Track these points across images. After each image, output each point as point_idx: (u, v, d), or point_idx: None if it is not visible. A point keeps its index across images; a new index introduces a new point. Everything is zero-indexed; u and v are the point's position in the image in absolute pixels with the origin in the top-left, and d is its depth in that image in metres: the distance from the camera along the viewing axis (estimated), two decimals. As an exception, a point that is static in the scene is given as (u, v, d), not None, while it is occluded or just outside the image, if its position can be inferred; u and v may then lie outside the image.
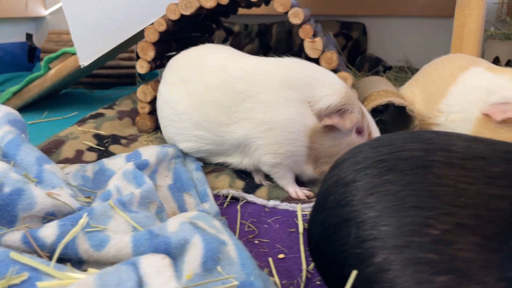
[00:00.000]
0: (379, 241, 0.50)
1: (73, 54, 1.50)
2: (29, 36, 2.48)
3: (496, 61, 1.91)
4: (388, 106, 1.43)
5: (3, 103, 1.58)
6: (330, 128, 0.94)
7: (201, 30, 1.90)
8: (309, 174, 0.99)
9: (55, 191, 0.74)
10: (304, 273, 0.73)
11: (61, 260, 0.62)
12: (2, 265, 0.53)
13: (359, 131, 0.97)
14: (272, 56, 1.05)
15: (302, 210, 0.92)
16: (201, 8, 1.22)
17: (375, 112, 1.25)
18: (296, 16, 1.18)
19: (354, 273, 0.52)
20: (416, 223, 0.49)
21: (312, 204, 0.71)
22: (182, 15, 1.24)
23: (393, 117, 1.42)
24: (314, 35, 1.22)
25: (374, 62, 2.33)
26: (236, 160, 1.04)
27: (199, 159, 1.11)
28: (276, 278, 0.72)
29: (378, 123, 1.43)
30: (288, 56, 1.05)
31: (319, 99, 0.93)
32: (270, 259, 0.78)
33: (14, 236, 0.62)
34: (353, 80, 1.22)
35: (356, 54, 2.38)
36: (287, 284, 0.72)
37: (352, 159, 0.60)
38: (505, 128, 1.01)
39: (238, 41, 2.38)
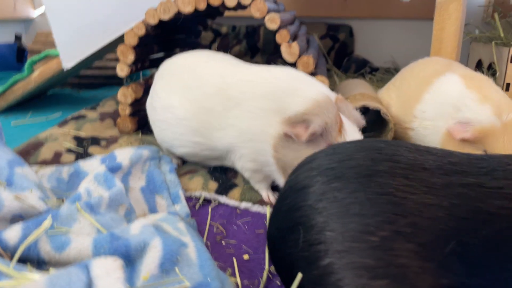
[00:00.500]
0: (325, 246, 0.53)
1: (57, 56, 1.52)
2: (18, 37, 2.50)
3: (479, 64, 1.93)
4: (368, 109, 1.45)
5: (-12, 104, 1.60)
6: (293, 139, 0.89)
7: (187, 32, 1.92)
8: (280, 180, 0.99)
9: (24, 193, 0.76)
10: (265, 274, 0.75)
11: (25, 261, 0.65)
12: (-37, 267, 0.55)
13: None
14: (260, 57, 1.06)
15: (272, 212, 0.94)
16: (179, 13, 1.24)
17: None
18: (272, 21, 1.20)
19: (299, 276, 0.55)
20: (357, 230, 0.52)
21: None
22: (161, 20, 1.26)
23: (372, 119, 1.44)
24: (291, 40, 1.23)
25: (361, 64, 2.36)
26: (230, 164, 1.07)
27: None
28: (238, 279, 0.74)
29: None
30: (280, 61, 1.05)
31: (289, 107, 0.91)
32: (234, 260, 0.80)
33: (-22, 238, 0.64)
34: (339, 82, 1.24)
35: (343, 56, 2.40)
36: (248, 284, 0.74)
37: (308, 165, 0.62)
38: (467, 146, 1.02)
39: (226, 43, 2.40)
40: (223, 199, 1.01)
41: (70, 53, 1.46)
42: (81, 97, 1.97)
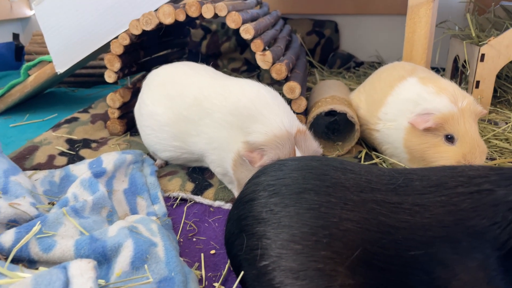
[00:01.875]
0: (261, 251, 0.64)
1: (50, 61, 1.62)
2: (15, 36, 2.60)
3: (456, 60, 2.01)
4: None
5: (-12, 107, 1.72)
6: (247, 161, 0.98)
7: (175, 33, 2.01)
8: (235, 193, 1.11)
9: (17, 201, 0.88)
10: (227, 266, 0.87)
11: (17, 260, 0.77)
12: (-35, 267, 0.67)
13: None
14: (249, 53, 1.13)
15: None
16: (161, 24, 1.33)
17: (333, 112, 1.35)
18: (247, 32, 1.29)
19: (241, 274, 0.66)
20: (286, 239, 0.62)
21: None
22: (144, 30, 1.35)
23: (344, 119, 1.54)
24: (265, 48, 1.33)
25: (346, 58, 2.44)
26: (207, 166, 1.20)
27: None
28: (203, 272, 0.86)
29: (333, 123, 1.57)
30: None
31: (251, 133, 0.99)
32: (202, 255, 0.91)
33: (-22, 242, 0.76)
34: (320, 79, 1.33)
35: (328, 51, 2.48)
36: (211, 276, 0.85)
37: (255, 179, 0.73)
38: (429, 135, 1.13)
39: (215, 39, 2.49)
40: (198, 198, 1.12)
41: (62, 59, 1.56)
42: (76, 96, 2.07)
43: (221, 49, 2.48)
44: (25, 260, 0.76)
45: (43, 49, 2.15)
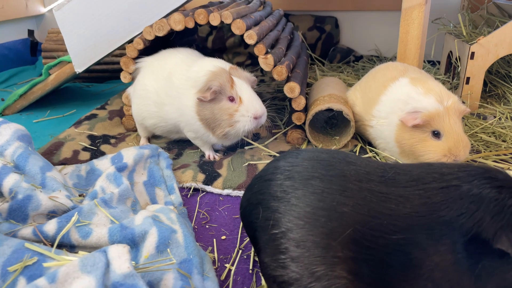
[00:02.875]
0: (273, 222, 0.77)
1: (69, 62, 1.75)
2: (30, 32, 2.71)
3: (450, 56, 2.12)
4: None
5: (12, 104, 1.85)
6: (205, 101, 1.28)
7: (183, 32, 2.12)
8: (213, 139, 1.35)
9: (55, 194, 1.01)
10: (236, 250, 1.01)
11: (60, 246, 0.91)
12: (19, 252, 0.80)
13: (231, 99, 1.28)
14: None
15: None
16: (172, 30, 1.45)
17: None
18: (250, 38, 1.41)
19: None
20: (293, 216, 0.76)
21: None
22: (156, 36, 1.47)
23: (341, 115, 1.66)
24: (267, 52, 1.44)
25: (346, 53, 2.54)
26: (185, 136, 1.45)
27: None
28: (215, 254, 1.00)
29: (332, 118, 1.69)
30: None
31: (198, 81, 1.30)
32: (214, 240, 1.05)
33: (27, 230, 0.90)
34: (320, 75, 1.45)
35: (329, 46, 2.58)
36: (223, 258, 1.00)
37: (276, 163, 0.86)
38: (417, 131, 1.25)
39: (221, 35, 2.59)
40: (208, 188, 1.26)
41: (81, 60, 1.69)
42: (91, 92, 2.20)
43: (226, 44, 2.59)
44: (67, 246, 0.90)
45: (59, 46, 2.27)
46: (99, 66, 2.28)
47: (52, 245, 0.88)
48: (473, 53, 1.76)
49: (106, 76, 2.36)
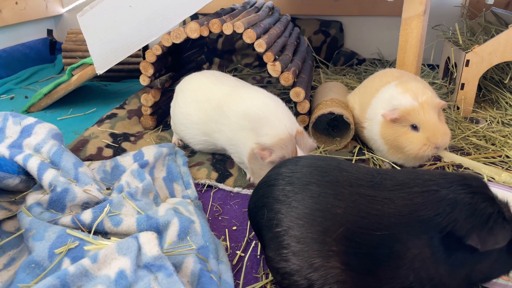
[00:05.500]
0: (276, 221, 0.89)
1: (91, 64, 1.88)
2: (49, 32, 2.85)
3: (447, 62, 2.23)
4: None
5: (37, 102, 1.99)
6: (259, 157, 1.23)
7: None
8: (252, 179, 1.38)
9: (88, 187, 1.16)
10: (245, 239, 1.15)
11: (95, 232, 1.05)
12: (63, 237, 0.94)
13: None
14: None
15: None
16: (188, 38, 1.58)
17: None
18: (260, 46, 1.53)
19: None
20: (294, 216, 0.88)
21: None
22: (174, 43, 1.60)
23: (342, 118, 1.79)
24: (276, 59, 1.57)
25: (349, 56, 2.66)
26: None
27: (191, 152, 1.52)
28: (228, 242, 1.14)
29: (334, 120, 1.82)
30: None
31: (261, 135, 1.25)
32: (226, 230, 1.19)
33: (66, 218, 1.04)
34: (324, 78, 1.58)
35: (334, 49, 2.70)
36: (234, 246, 1.13)
37: (278, 170, 0.98)
38: (398, 126, 1.35)
39: (230, 37, 2.71)
40: (221, 185, 1.40)
41: (102, 62, 1.82)
42: (109, 91, 2.34)
43: (235, 46, 2.72)
44: (101, 233, 1.04)
45: (78, 46, 2.41)
46: (115, 66, 2.38)
47: (89, 232, 1.02)
48: (468, 61, 1.88)
49: (122, 76, 2.49)
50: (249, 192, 1.37)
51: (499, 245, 0.80)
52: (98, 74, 1.86)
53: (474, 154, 1.58)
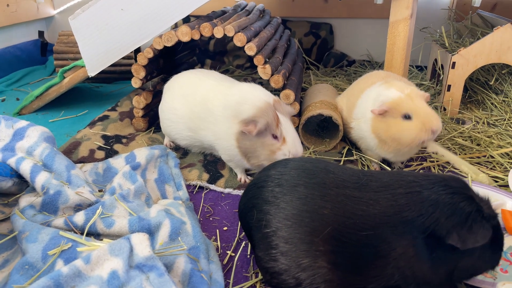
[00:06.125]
0: (265, 222, 0.92)
1: (83, 66, 1.90)
2: (40, 33, 2.85)
3: (435, 63, 2.27)
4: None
5: (29, 104, 2.00)
6: (247, 133, 1.26)
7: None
8: (247, 165, 1.39)
9: (80, 189, 1.17)
10: (236, 239, 1.17)
11: (88, 234, 1.06)
12: (56, 239, 0.96)
13: (275, 137, 1.29)
14: None
15: (245, 197, 1.35)
16: (179, 41, 1.60)
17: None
18: (250, 49, 1.56)
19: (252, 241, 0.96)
20: (281, 217, 0.91)
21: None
22: (165, 46, 1.62)
23: (331, 119, 1.82)
24: (265, 62, 1.60)
25: (339, 58, 2.70)
26: (217, 154, 1.49)
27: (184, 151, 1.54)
28: (219, 243, 1.16)
29: (323, 121, 1.84)
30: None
31: (241, 113, 1.29)
32: (217, 231, 1.21)
33: (59, 221, 1.06)
34: (314, 80, 1.61)
35: (324, 51, 2.73)
36: (225, 246, 1.16)
37: (267, 172, 1.01)
38: (389, 118, 1.36)
39: (222, 38, 2.73)
40: (212, 186, 1.42)
41: (94, 65, 1.83)
42: (101, 93, 2.34)
43: (227, 48, 2.74)
44: (94, 234, 1.06)
45: (70, 48, 2.42)
46: (107, 68, 2.39)
47: (82, 233, 1.04)
48: (454, 63, 1.92)
49: (114, 77, 2.50)
50: (240, 192, 1.39)
51: (479, 243, 0.83)
52: (90, 76, 1.87)
53: (460, 155, 1.61)
